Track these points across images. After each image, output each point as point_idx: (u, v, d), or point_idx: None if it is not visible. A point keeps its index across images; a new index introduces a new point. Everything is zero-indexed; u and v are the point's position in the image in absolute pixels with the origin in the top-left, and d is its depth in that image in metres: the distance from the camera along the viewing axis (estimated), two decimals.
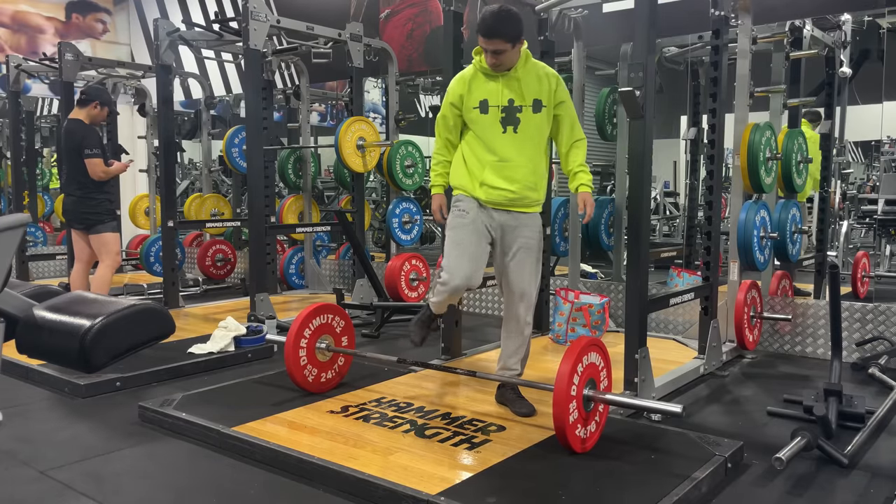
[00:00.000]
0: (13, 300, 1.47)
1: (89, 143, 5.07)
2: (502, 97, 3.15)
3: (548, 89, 3.18)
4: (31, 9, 9.17)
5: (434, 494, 2.37)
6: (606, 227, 5.42)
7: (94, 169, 5.07)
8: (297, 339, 3.47)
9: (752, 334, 4.35)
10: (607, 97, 5.42)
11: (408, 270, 5.80)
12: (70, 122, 5.19)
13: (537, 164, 3.22)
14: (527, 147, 3.18)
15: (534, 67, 3.20)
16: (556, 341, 4.69)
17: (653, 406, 2.92)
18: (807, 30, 4.75)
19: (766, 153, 4.25)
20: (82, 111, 5.17)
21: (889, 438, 3.10)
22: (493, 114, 3.16)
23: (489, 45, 3.05)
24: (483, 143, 3.19)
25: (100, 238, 5.21)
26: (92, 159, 5.05)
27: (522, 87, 3.15)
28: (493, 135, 3.17)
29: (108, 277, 5.26)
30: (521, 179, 3.17)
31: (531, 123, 3.17)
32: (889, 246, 5.74)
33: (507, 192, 3.16)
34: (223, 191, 8.78)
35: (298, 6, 7.74)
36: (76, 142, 5.08)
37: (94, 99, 5.19)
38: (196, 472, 2.79)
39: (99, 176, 5.11)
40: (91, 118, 5.18)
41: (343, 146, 5.64)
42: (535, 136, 3.19)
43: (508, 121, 3.15)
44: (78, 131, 5.11)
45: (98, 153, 5.09)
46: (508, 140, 3.16)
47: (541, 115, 3.18)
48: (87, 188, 5.15)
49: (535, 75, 3.18)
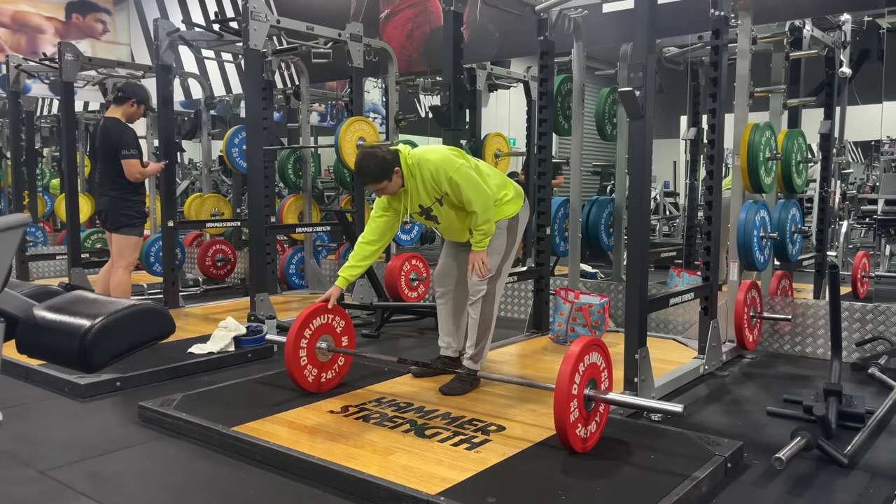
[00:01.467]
0: (13, 300, 1.47)
1: (127, 142, 4.99)
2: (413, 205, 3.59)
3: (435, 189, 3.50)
4: (31, 9, 9.17)
5: (434, 494, 2.37)
6: (606, 227, 5.42)
7: (130, 170, 4.99)
8: (297, 339, 3.47)
9: (752, 334, 4.35)
10: (607, 97, 5.42)
11: (408, 270, 5.80)
12: (107, 121, 5.10)
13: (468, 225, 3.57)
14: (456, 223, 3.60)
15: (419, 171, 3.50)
16: (556, 341, 4.69)
17: (653, 406, 2.92)
18: (807, 30, 4.75)
19: (766, 153, 4.25)
20: (119, 109, 5.08)
21: (889, 438, 3.10)
22: (417, 217, 3.70)
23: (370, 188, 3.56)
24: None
25: (126, 240, 5.13)
26: (129, 160, 4.97)
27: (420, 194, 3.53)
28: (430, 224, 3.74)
29: (127, 281, 5.18)
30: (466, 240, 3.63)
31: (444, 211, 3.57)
32: (889, 246, 5.74)
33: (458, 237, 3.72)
34: (223, 191, 8.78)
35: (298, 6, 7.74)
36: (113, 141, 4.99)
37: (130, 97, 5.11)
38: (196, 472, 2.79)
39: (135, 177, 5.04)
40: (128, 116, 5.10)
41: (343, 146, 5.64)
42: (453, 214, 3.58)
43: (430, 217, 3.63)
44: (115, 130, 5.02)
45: (136, 154, 5.01)
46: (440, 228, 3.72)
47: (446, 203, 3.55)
48: (123, 189, 5.07)
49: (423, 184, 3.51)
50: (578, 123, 4.98)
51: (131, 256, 5.20)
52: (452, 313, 3.82)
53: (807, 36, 4.77)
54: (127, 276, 5.19)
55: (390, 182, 3.47)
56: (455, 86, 4.08)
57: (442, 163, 3.48)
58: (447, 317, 3.82)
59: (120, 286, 5.13)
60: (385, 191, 3.51)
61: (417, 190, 3.53)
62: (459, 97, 4.07)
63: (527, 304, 5.35)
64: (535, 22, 4.68)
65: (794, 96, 4.97)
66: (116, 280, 5.14)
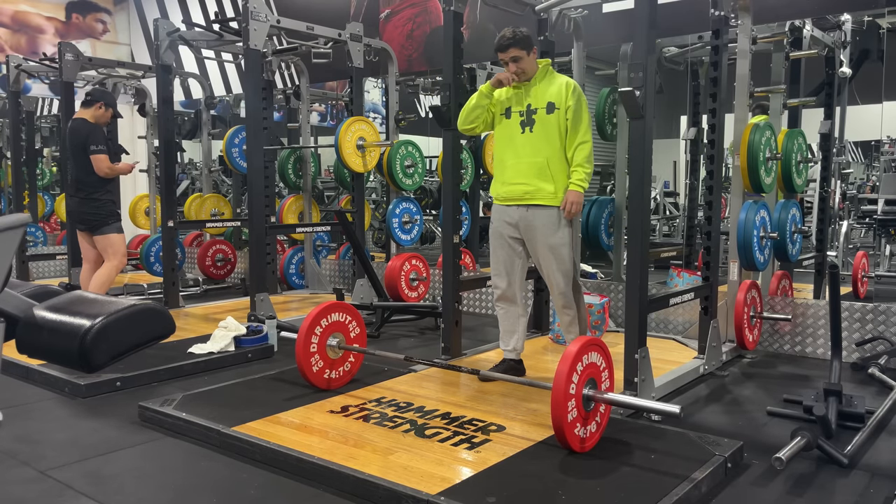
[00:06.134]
0: (13, 300, 1.47)
1: (95, 139, 5.10)
2: (522, 102, 3.63)
3: (559, 96, 3.56)
4: (31, 9, 9.17)
5: (434, 494, 2.37)
6: (606, 227, 5.41)
7: (99, 165, 5.09)
8: (308, 335, 3.49)
9: (752, 334, 4.35)
10: (607, 97, 5.42)
11: (408, 270, 5.80)
12: (75, 121, 5.21)
13: (551, 161, 3.57)
14: (544, 143, 3.57)
15: (553, 77, 3.65)
16: (556, 341, 4.69)
17: (651, 406, 2.92)
18: (807, 30, 4.75)
19: (766, 153, 4.25)
20: (87, 111, 5.21)
21: (889, 438, 3.10)
22: (515, 118, 3.65)
23: (511, 54, 3.55)
24: (507, 146, 3.67)
25: (106, 239, 5.22)
26: (98, 155, 5.08)
27: (539, 93, 3.60)
28: (514, 137, 3.65)
29: (110, 277, 5.25)
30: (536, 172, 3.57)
31: (545, 123, 3.57)
32: (889, 246, 5.74)
33: (520, 187, 3.61)
34: (223, 191, 8.78)
35: (298, 6, 7.74)
36: (82, 138, 5.10)
37: (98, 100, 5.25)
38: (196, 472, 2.79)
39: (104, 172, 5.12)
40: (95, 119, 5.22)
41: (343, 146, 5.64)
42: (550, 133, 3.57)
43: (527, 122, 3.61)
44: (83, 129, 5.14)
45: (104, 149, 5.12)
46: (525, 140, 3.61)
47: (553, 117, 3.56)
48: (91, 188, 5.16)
49: (553, 83, 3.61)
50: None
51: (120, 254, 5.27)
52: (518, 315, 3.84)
53: (807, 36, 4.77)
54: (113, 274, 5.26)
55: (529, 57, 3.56)
56: (455, 86, 4.08)
57: (577, 84, 3.61)
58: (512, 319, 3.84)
59: (100, 278, 5.20)
60: (521, 64, 3.55)
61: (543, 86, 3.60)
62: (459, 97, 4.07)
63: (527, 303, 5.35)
64: (535, 22, 4.68)
65: (794, 96, 4.97)
66: (101, 273, 5.20)
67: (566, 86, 3.58)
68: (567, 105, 3.54)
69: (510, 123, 3.66)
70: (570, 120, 3.55)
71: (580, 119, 3.55)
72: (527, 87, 3.63)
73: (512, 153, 3.65)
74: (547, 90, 3.59)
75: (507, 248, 3.75)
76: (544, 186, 3.57)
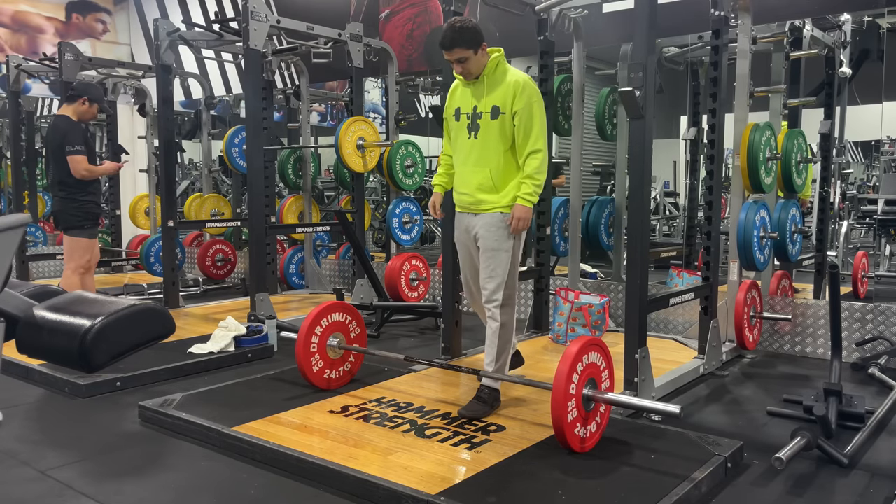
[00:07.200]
0: (13, 300, 1.47)
1: (72, 139, 4.76)
2: (469, 104, 3.28)
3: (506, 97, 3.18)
4: (31, 9, 9.17)
5: (434, 494, 2.38)
6: (606, 227, 5.42)
7: (75, 166, 4.76)
8: (308, 335, 3.50)
9: (752, 334, 4.35)
10: (607, 97, 5.42)
11: (408, 270, 5.80)
12: (55, 119, 4.92)
13: (494, 173, 3.23)
14: (487, 153, 3.23)
15: (503, 75, 3.23)
16: (556, 341, 4.69)
17: (651, 406, 2.92)
18: (807, 30, 4.75)
19: (766, 153, 4.25)
20: (70, 107, 4.88)
21: (889, 438, 3.10)
22: (463, 121, 3.31)
23: (456, 54, 3.17)
24: (456, 150, 3.38)
25: (74, 241, 4.88)
26: (74, 156, 4.74)
27: (485, 94, 3.24)
28: (462, 141, 3.33)
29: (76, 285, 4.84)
30: (477, 184, 3.26)
31: (489, 129, 3.22)
32: (889, 246, 5.74)
33: (466, 197, 3.33)
34: (223, 191, 8.78)
35: (298, 6, 7.74)
36: (60, 137, 4.79)
37: (82, 94, 4.89)
38: (196, 472, 2.79)
39: (81, 174, 4.80)
40: (79, 115, 4.88)
41: (343, 146, 5.64)
42: (493, 141, 3.22)
43: (472, 127, 3.27)
44: (62, 127, 4.81)
45: (81, 150, 4.78)
46: (471, 146, 3.28)
47: (497, 122, 3.20)
48: (72, 188, 4.84)
49: (502, 83, 3.21)
50: (578, 123, 4.98)
51: (81, 259, 4.89)
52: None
53: (807, 36, 4.77)
54: (76, 280, 4.88)
55: (476, 56, 3.15)
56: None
57: (529, 81, 3.19)
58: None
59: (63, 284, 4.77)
60: (467, 65, 3.16)
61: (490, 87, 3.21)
62: None
63: (527, 303, 5.35)
64: (535, 22, 4.68)
65: (794, 96, 4.97)
66: (64, 284, 4.78)
67: (514, 86, 3.16)
68: (514, 109, 3.15)
69: (459, 126, 3.32)
70: (518, 126, 3.16)
71: (531, 124, 3.16)
72: (476, 86, 3.26)
73: (461, 159, 3.33)
74: (493, 91, 3.21)
75: (468, 257, 3.45)
76: (487, 198, 3.24)
